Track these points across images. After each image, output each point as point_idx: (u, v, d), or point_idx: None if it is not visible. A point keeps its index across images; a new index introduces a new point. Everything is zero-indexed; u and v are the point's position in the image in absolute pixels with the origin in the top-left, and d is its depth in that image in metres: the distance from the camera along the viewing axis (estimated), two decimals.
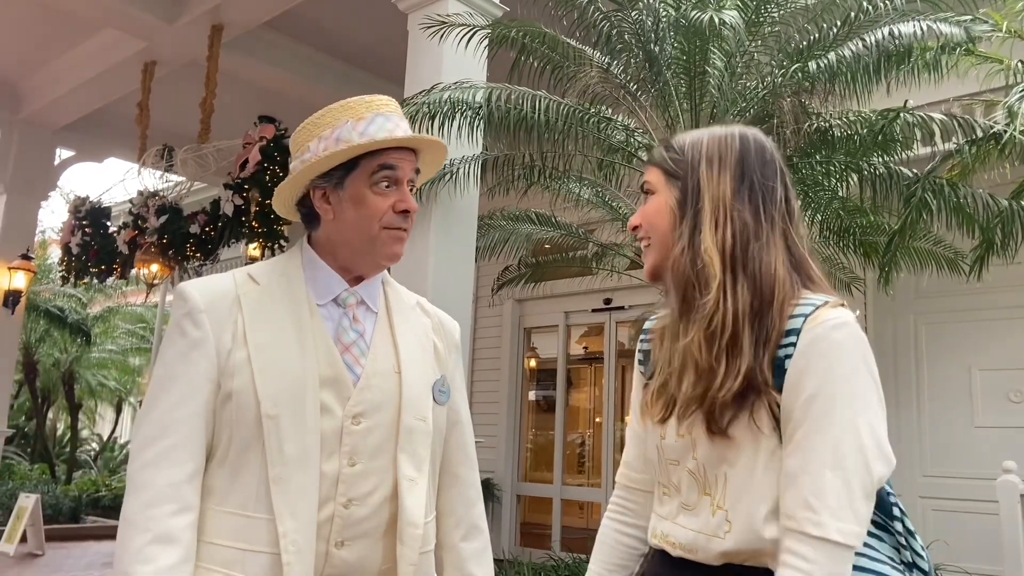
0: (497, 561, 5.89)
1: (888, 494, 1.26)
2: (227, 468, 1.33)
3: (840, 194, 4.71)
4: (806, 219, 4.83)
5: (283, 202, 1.50)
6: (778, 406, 1.18)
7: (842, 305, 1.22)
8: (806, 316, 1.19)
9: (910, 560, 1.25)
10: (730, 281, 1.23)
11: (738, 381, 1.18)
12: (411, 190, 1.46)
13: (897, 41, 3.85)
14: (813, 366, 1.16)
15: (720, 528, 1.21)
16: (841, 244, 5.03)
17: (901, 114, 4.16)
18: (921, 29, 3.85)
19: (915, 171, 4.39)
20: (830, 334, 1.17)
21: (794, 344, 1.18)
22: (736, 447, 1.20)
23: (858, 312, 1.25)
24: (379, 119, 1.43)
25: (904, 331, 7.08)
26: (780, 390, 1.18)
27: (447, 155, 1.56)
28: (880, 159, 4.48)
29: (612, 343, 7.94)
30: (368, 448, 1.38)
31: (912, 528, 1.27)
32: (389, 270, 1.55)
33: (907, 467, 6.78)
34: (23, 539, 7.66)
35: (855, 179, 4.55)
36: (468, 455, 1.60)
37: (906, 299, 6.87)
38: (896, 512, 1.26)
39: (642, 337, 1.48)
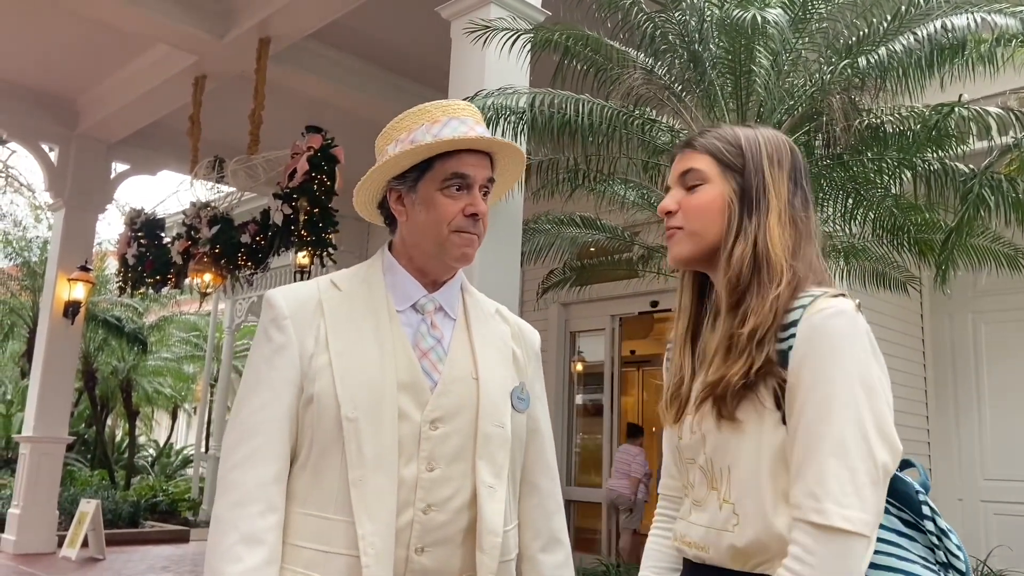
0: None
1: (917, 492, 1.25)
2: (308, 471, 1.36)
3: (893, 191, 4.60)
4: (858, 217, 4.73)
5: (362, 204, 1.54)
6: (779, 386, 1.19)
7: (842, 295, 1.22)
8: (804, 307, 1.21)
9: (945, 560, 1.22)
10: (788, 278, 1.25)
11: (756, 367, 1.20)
12: (484, 195, 1.46)
13: (950, 34, 3.75)
14: (813, 355, 1.17)
15: (728, 521, 1.22)
16: (895, 243, 4.91)
17: (955, 109, 4.05)
18: (975, 21, 3.75)
19: (971, 167, 4.27)
20: (827, 323, 1.18)
21: (795, 335, 1.19)
22: (740, 434, 1.21)
23: (858, 301, 1.24)
24: (453, 122, 1.45)
25: (962, 330, 6.89)
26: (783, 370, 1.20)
27: (524, 161, 1.56)
28: (934, 155, 4.37)
29: (660, 346, 7.88)
30: (446, 453, 1.39)
31: (946, 527, 1.24)
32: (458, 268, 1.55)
33: (968, 470, 6.59)
34: (84, 543, 7.88)
35: (908, 176, 4.45)
36: (548, 465, 1.59)
37: (964, 298, 6.70)
38: (926, 511, 1.24)
39: (669, 345, 1.49)
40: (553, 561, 1.55)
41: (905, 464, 1.31)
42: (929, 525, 1.23)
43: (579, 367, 8.77)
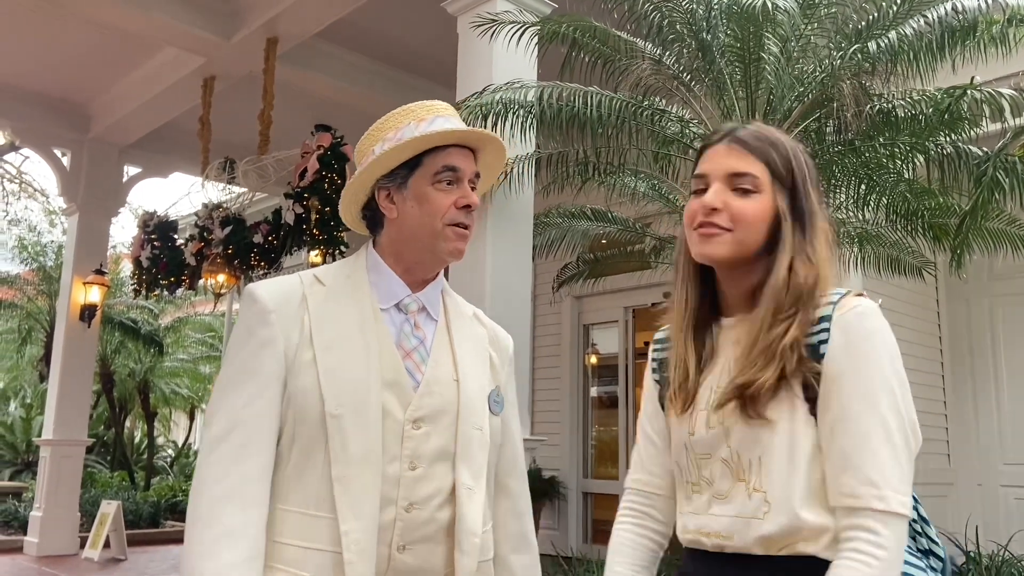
0: (565, 559, 5.88)
1: None
2: (292, 467, 1.36)
3: (906, 176, 4.56)
4: (871, 203, 4.70)
5: (348, 207, 1.53)
6: (813, 376, 1.23)
7: (861, 295, 1.29)
8: (834, 304, 1.27)
9: (926, 547, 1.31)
10: (827, 284, 1.30)
11: (790, 368, 1.24)
12: (472, 190, 1.48)
13: (961, 16, 3.72)
14: (853, 351, 1.23)
15: (759, 509, 1.23)
16: (909, 227, 4.88)
17: (968, 91, 4.01)
18: (986, 2, 3.72)
19: (985, 149, 4.23)
20: (863, 321, 1.25)
21: (826, 330, 1.24)
22: (771, 425, 1.24)
23: (880, 301, 1.31)
24: (439, 120, 1.47)
25: (979, 314, 6.84)
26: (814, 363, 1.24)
27: (505, 156, 1.58)
28: (947, 138, 4.33)
29: None
30: (428, 453, 1.39)
31: (926, 516, 1.32)
32: (447, 272, 1.56)
33: (987, 454, 6.54)
34: (106, 544, 7.95)
35: (921, 160, 4.42)
36: (517, 466, 1.61)
37: (980, 282, 6.64)
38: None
39: (656, 347, 1.50)
40: (522, 562, 1.57)
41: None
42: (912, 513, 1.27)
43: (593, 359, 8.77)
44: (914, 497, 1.28)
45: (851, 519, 1.17)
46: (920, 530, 1.30)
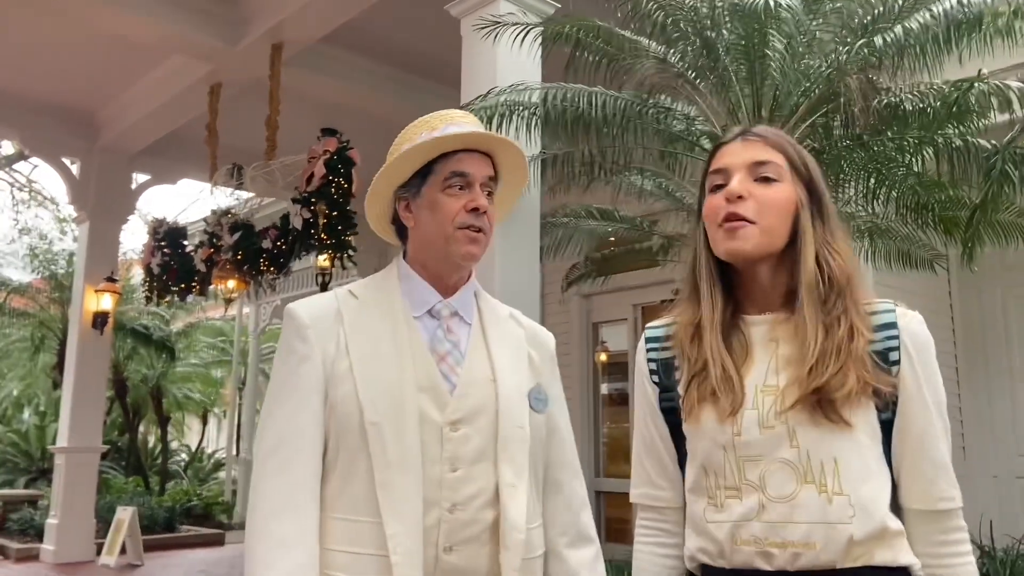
0: None
1: None
2: (338, 476, 1.40)
3: (916, 170, 4.54)
4: (881, 197, 4.68)
5: (375, 218, 1.58)
6: (889, 386, 1.27)
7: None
8: (892, 312, 1.32)
9: None
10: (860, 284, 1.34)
11: (867, 375, 1.26)
12: (488, 195, 1.50)
13: (966, 9, 3.70)
14: (924, 361, 1.30)
15: (844, 513, 1.21)
16: (920, 221, 4.84)
17: (975, 84, 3.99)
18: None
19: (994, 142, 4.20)
20: (923, 330, 1.33)
21: (895, 337, 1.29)
22: (847, 430, 1.24)
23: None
24: (451, 127, 1.49)
25: (992, 307, 6.79)
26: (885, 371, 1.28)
27: (524, 157, 1.57)
28: (956, 131, 4.30)
29: None
30: (468, 454, 1.42)
31: None
32: (471, 275, 1.57)
33: (1002, 447, 6.50)
34: (123, 550, 7.99)
35: (930, 153, 4.38)
36: (569, 463, 1.62)
37: (992, 274, 6.59)
38: None
39: (653, 347, 1.44)
40: (580, 557, 1.56)
41: None
42: None
43: (603, 357, 8.76)
44: None
45: (950, 521, 1.29)
46: None
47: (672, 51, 4.39)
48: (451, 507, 1.39)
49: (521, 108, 4.33)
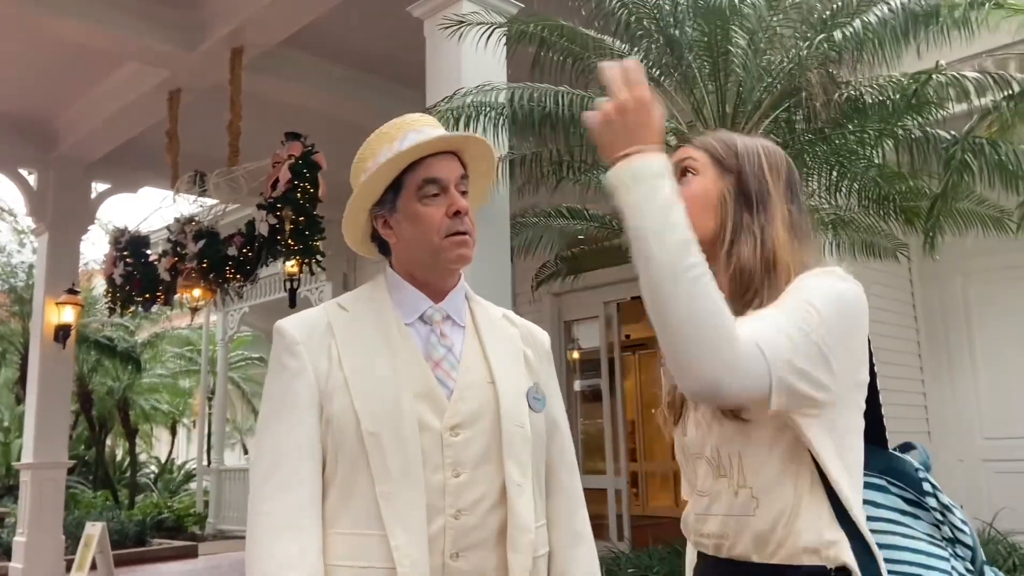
0: None
1: (916, 470, 1.28)
2: (338, 490, 1.38)
3: (877, 162, 4.61)
4: (843, 189, 4.74)
5: (355, 241, 1.56)
6: None
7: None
8: None
9: (951, 535, 1.26)
10: (793, 272, 1.29)
11: None
12: (463, 194, 1.48)
13: (923, 1, 3.76)
14: None
15: (748, 506, 1.23)
16: (882, 212, 4.93)
17: (933, 75, 4.06)
18: None
19: (953, 132, 4.29)
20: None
21: None
22: (747, 422, 1.24)
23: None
24: (411, 135, 1.46)
25: (952, 294, 6.94)
26: None
27: (491, 150, 1.57)
28: (915, 122, 4.38)
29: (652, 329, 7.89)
30: (470, 458, 1.40)
31: (949, 503, 1.28)
32: (460, 278, 1.56)
33: (967, 431, 6.64)
34: (93, 566, 7.84)
35: (891, 145, 4.46)
36: (568, 462, 1.62)
37: (952, 262, 6.72)
38: (927, 488, 1.27)
39: None
40: (576, 556, 1.57)
41: (907, 447, 1.34)
42: (931, 502, 1.26)
43: (575, 355, 8.79)
44: (933, 484, 1.28)
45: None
46: (942, 518, 1.27)
47: (636, 49, 4.42)
48: (456, 513, 1.37)
49: (488, 108, 4.33)
